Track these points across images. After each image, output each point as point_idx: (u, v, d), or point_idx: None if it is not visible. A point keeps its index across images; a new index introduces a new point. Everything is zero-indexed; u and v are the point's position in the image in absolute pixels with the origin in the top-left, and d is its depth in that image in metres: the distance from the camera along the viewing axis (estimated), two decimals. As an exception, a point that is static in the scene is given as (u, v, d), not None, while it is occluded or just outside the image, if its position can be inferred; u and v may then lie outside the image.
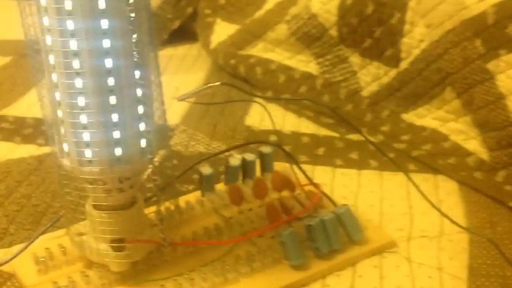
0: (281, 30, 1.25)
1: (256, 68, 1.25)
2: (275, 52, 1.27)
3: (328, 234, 0.77)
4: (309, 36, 1.21)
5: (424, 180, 0.93)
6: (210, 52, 1.38)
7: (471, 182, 0.91)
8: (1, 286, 0.73)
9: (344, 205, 0.80)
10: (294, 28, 1.22)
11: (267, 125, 1.08)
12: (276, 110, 1.15)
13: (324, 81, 1.17)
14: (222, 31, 1.40)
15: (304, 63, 1.23)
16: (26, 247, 0.74)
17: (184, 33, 1.50)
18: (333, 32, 1.16)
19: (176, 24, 1.50)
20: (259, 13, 1.33)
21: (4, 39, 1.46)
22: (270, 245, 0.77)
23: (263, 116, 1.10)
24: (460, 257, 0.77)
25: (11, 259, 0.74)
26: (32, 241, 0.75)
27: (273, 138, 1.04)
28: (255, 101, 1.12)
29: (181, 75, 1.32)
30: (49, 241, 0.78)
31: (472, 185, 0.90)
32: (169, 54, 1.43)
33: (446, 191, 0.90)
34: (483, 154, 0.91)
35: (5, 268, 0.75)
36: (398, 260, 0.77)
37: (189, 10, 1.51)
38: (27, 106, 1.15)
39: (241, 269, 0.74)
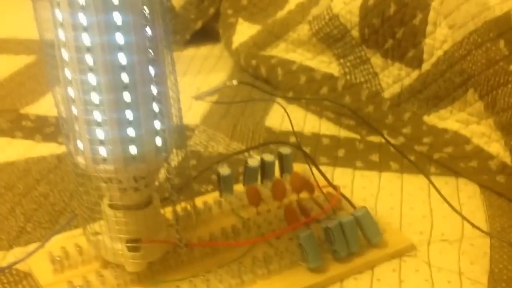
0: (303, 30, 1.24)
1: (277, 69, 1.24)
2: (297, 52, 1.26)
3: (347, 237, 0.76)
4: (331, 37, 1.20)
5: (445, 183, 0.91)
6: (232, 52, 1.38)
7: (493, 186, 0.89)
8: (17, 285, 0.73)
9: (363, 207, 0.79)
10: (316, 28, 1.21)
11: (287, 126, 1.07)
12: (296, 111, 1.14)
13: (346, 82, 1.16)
14: (244, 31, 1.39)
15: (326, 64, 1.22)
16: (40, 246, 0.74)
17: (207, 33, 1.50)
18: (355, 32, 1.15)
19: (198, 24, 1.50)
20: (281, 14, 1.33)
21: (29, 38, 1.47)
22: (288, 247, 0.76)
23: (284, 117, 1.10)
24: (481, 261, 0.76)
25: (25, 258, 0.74)
26: (46, 240, 0.75)
27: (293, 139, 1.03)
28: (274, 101, 1.11)
29: (203, 75, 1.32)
30: (66, 240, 0.78)
31: (494, 189, 0.89)
32: (191, 55, 1.43)
33: (468, 195, 0.88)
34: (506, 157, 0.90)
35: (21, 266, 0.75)
36: (418, 264, 0.76)
37: (212, 10, 1.51)
38: (49, 105, 1.16)
39: (257, 271, 0.73)
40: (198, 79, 1.29)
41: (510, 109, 0.90)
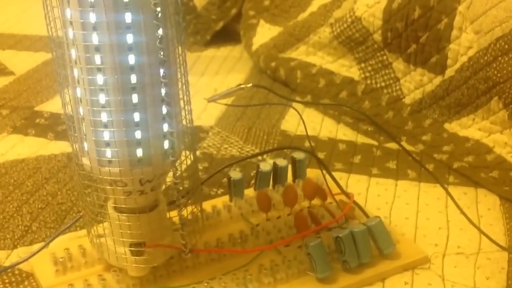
0: (324, 33, 1.22)
1: (296, 72, 1.22)
2: (317, 55, 1.24)
3: (358, 247, 0.73)
4: (352, 40, 1.17)
5: (463, 193, 0.88)
6: (251, 54, 1.36)
7: (514, 198, 0.86)
8: (19, 285, 0.71)
9: (376, 217, 0.76)
10: (337, 31, 1.19)
11: (303, 130, 1.04)
12: (314, 115, 1.11)
13: (366, 87, 1.14)
14: (264, 33, 1.37)
15: (346, 67, 1.19)
16: (43, 247, 0.73)
17: (228, 34, 1.48)
18: (377, 36, 1.13)
19: (219, 25, 1.48)
20: (303, 16, 1.30)
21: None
22: (296, 255, 0.74)
23: (300, 120, 1.07)
24: (498, 277, 0.73)
25: (28, 258, 0.72)
26: (50, 241, 0.74)
27: (308, 144, 1.00)
28: (288, 105, 1.09)
29: (221, 76, 1.30)
30: (70, 242, 0.77)
31: (515, 201, 0.86)
32: (211, 55, 1.41)
33: (487, 206, 0.85)
34: (528, 168, 0.86)
35: (24, 267, 0.74)
36: (431, 277, 0.73)
37: (234, 11, 1.49)
38: (64, 103, 1.15)
39: (263, 279, 0.71)
40: (215, 80, 1.27)
41: (534, 119, 0.87)
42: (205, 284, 0.70)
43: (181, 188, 0.66)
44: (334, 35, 1.20)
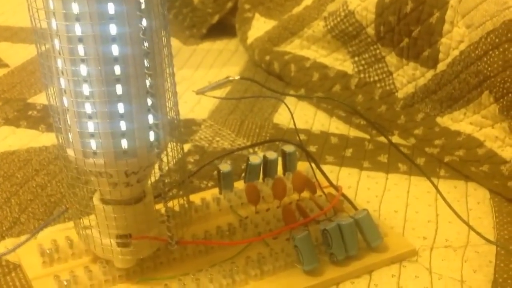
0: (318, 27, 1.22)
1: (290, 65, 1.22)
2: (311, 49, 1.24)
3: (345, 240, 0.73)
4: (346, 34, 1.17)
5: (454, 187, 0.88)
6: (246, 47, 1.36)
7: (504, 192, 0.86)
8: (5, 276, 0.72)
9: (364, 209, 0.76)
10: (331, 25, 1.19)
11: (296, 123, 1.04)
12: (307, 109, 1.11)
13: (359, 81, 1.14)
14: (259, 26, 1.37)
15: (340, 61, 1.19)
16: (29, 238, 0.73)
17: (223, 28, 1.48)
18: (370, 30, 1.12)
19: (215, 18, 1.48)
20: (297, 9, 1.30)
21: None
22: (284, 248, 0.74)
23: (293, 113, 1.07)
24: (485, 270, 0.73)
25: (14, 249, 0.72)
26: (36, 233, 0.74)
27: (301, 137, 1.00)
28: (274, 97, 1.09)
29: (216, 69, 1.30)
30: (57, 233, 0.76)
31: (505, 195, 0.85)
32: (206, 49, 1.41)
33: (477, 200, 0.85)
34: (519, 162, 0.86)
35: (11, 258, 0.74)
36: (418, 270, 0.73)
37: (229, 4, 1.49)
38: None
39: (250, 272, 0.71)
40: (210, 73, 1.27)
41: (524, 112, 0.87)
42: (192, 276, 0.70)
43: (166, 180, 0.66)
44: (327, 28, 1.20)
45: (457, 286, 0.71)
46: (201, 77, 1.26)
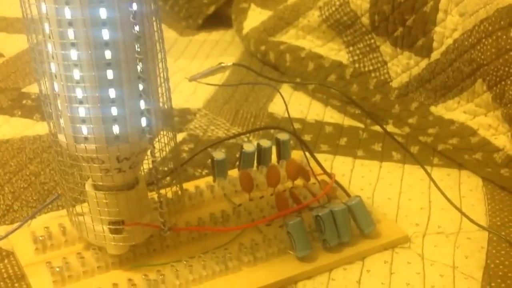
0: (313, 16, 1.21)
1: (285, 55, 1.22)
2: (306, 39, 1.24)
3: (338, 226, 0.73)
4: (341, 23, 1.17)
5: (447, 174, 0.88)
6: (242, 38, 1.35)
7: (496, 179, 0.86)
8: (-1, 263, 0.72)
9: (357, 196, 0.76)
10: (326, 14, 1.19)
11: (291, 113, 1.04)
12: (302, 99, 1.11)
13: (354, 71, 1.14)
14: (255, 17, 1.37)
15: (335, 51, 1.19)
16: (21, 225, 0.73)
17: (219, 18, 1.48)
18: (365, 19, 1.12)
19: (211, 9, 1.48)
20: (293, -1, 1.30)
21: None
22: (277, 235, 0.74)
23: (288, 103, 1.07)
24: (477, 256, 0.73)
25: (6, 236, 0.73)
26: (28, 219, 0.74)
27: (296, 126, 1.00)
28: (266, 84, 1.09)
29: (212, 60, 1.29)
30: (50, 221, 0.77)
31: (498, 182, 0.85)
32: (202, 39, 1.41)
33: (469, 187, 0.85)
34: (512, 150, 0.86)
35: (4, 245, 0.74)
36: (410, 256, 0.73)
37: (225, -5, 1.48)
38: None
39: (243, 258, 0.71)
40: (206, 63, 1.27)
41: (518, 100, 0.87)
42: (184, 262, 0.70)
43: (160, 168, 0.66)
44: (322, 18, 1.19)
45: (449, 271, 0.71)
46: (197, 67, 1.25)
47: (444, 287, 0.69)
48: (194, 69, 1.24)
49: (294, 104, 1.09)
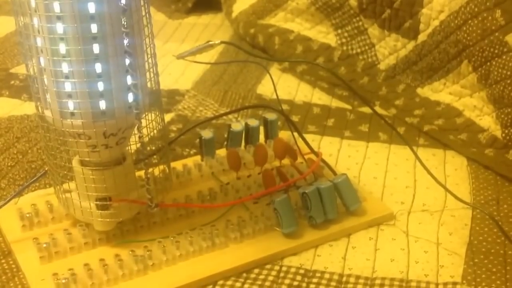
0: (302, -1, 1.22)
1: (274, 38, 1.22)
2: (295, 22, 1.24)
3: (324, 203, 0.74)
4: (329, 6, 1.17)
5: (432, 154, 0.89)
6: (231, 21, 1.35)
7: (481, 159, 0.87)
8: (-15, 239, 0.72)
9: (343, 174, 0.77)
10: (315, -3, 1.19)
11: (279, 94, 1.05)
12: (290, 81, 1.12)
13: (342, 53, 1.14)
14: (244, 0, 1.37)
15: (323, 34, 1.19)
16: (8, 201, 0.73)
17: (209, 2, 1.48)
18: (353, 2, 1.13)
19: (201, -8, 1.48)
20: (282, -18, 1.30)
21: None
22: (264, 212, 0.75)
23: (276, 85, 1.07)
24: (460, 233, 0.74)
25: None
26: (14, 196, 0.74)
27: (284, 107, 1.00)
28: (253, 62, 1.09)
29: (201, 42, 1.29)
30: (38, 198, 0.77)
31: (482, 162, 0.86)
32: (192, 23, 1.41)
33: (454, 167, 0.86)
34: (496, 131, 0.87)
35: (-10, 222, 0.74)
36: (395, 233, 0.74)
37: (215, -22, 1.48)
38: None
39: (230, 235, 0.72)
40: (195, 46, 1.27)
41: (503, 81, 0.87)
42: (171, 238, 0.70)
43: (148, 148, 0.67)
44: (311, 1, 1.20)
45: (433, 248, 0.72)
46: (185, 49, 1.25)
47: (428, 263, 0.70)
48: (182, 51, 1.24)
49: (283, 85, 1.09)
